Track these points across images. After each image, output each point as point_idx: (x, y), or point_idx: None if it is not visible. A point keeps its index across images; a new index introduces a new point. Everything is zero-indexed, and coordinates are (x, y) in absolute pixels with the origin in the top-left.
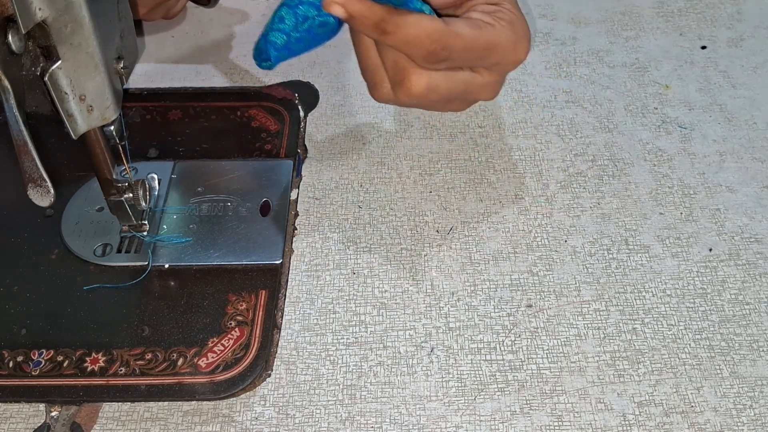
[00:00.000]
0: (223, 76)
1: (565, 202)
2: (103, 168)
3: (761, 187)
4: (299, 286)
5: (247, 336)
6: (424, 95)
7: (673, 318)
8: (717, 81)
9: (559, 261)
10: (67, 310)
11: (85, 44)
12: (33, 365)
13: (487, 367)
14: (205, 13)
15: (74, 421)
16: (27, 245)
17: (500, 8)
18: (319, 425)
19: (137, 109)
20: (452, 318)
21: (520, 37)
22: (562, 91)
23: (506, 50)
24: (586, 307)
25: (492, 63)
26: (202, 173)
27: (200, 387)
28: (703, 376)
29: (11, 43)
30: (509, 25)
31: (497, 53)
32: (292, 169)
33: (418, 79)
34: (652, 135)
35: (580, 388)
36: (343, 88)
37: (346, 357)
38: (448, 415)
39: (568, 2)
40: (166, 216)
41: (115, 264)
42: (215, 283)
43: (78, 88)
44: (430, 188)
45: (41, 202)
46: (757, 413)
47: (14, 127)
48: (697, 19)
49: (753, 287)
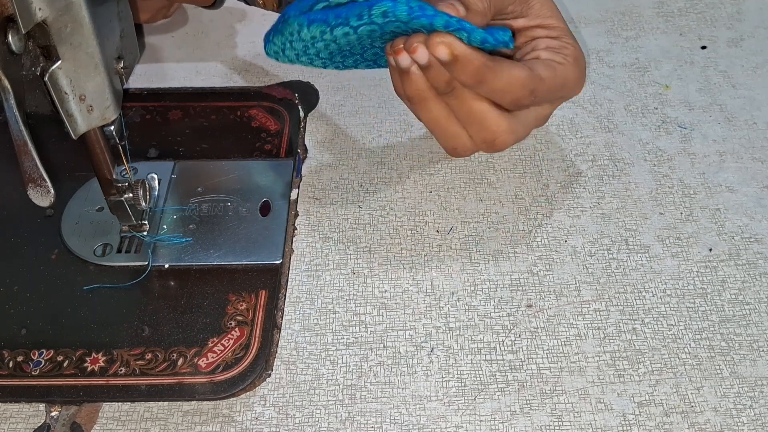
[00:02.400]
0: (223, 76)
1: (565, 202)
2: (103, 168)
3: (761, 187)
4: (299, 286)
5: (247, 336)
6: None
7: (673, 318)
8: (717, 81)
9: (559, 261)
10: (67, 310)
11: (85, 44)
12: (33, 365)
13: (487, 367)
14: (205, 13)
15: (74, 421)
16: (27, 245)
17: (564, 44)
18: (319, 425)
19: (137, 109)
20: (452, 318)
21: (583, 72)
22: None
23: (573, 87)
24: (586, 307)
25: (558, 98)
26: (202, 173)
27: (200, 387)
28: (703, 376)
29: (11, 43)
30: (575, 63)
31: (566, 89)
32: (292, 169)
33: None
34: (652, 135)
35: (580, 388)
36: (343, 88)
37: (346, 357)
38: (448, 415)
39: (568, 2)
40: (166, 216)
41: (115, 264)
42: (215, 283)
43: (78, 88)
44: (430, 188)
45: (41, 202)
46: (757, 413)
47: (14, 127)
48: (697, 19)
49: (753, 287)
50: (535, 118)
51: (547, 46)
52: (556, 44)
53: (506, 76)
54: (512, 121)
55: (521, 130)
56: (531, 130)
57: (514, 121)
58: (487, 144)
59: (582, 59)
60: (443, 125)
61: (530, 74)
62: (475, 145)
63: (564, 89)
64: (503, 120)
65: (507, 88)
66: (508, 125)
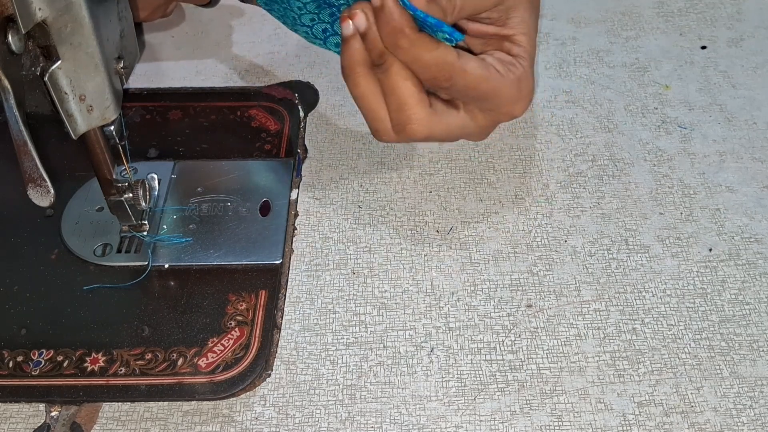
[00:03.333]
0: (223, 76)
1: (565, 202)
2: (103, 168)
3: (761, 187)
4: (299, 286)
5: (247, 336)
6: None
7: (673, 318)
8: (717, 81)
9: (559, 261)
10: (67, 310)
11: (85, 44)
12: (33, 365)
13: (487, 367)
14: (205, 13)
15: (74, 421)
16: (27, 245)
17: (515, 62)
18: (319, 425)
19: (137, 109)
20: (452, 318)
21: (523, 96)
22: (562, 91)
23: (504, 103)
24: (586, 307)
25: (487, 108)
26: (202, 173)
27: (200, 387)
28: (703, 376)
29: (11, 43)
30: (516, 82)
31: (495, 102)
32: (292, 169)
33: (418, 127)
34: (652, 135)
35: (580, 388)
36: (343, 88)
37: (346, 357)
38: (448, 415)
39: (568, 2)
40: (166, 216)
41: (115, 264)
42: (215, 283)
43: (78, 88)
44: (430, 188)
45: (41, 202)
46: (757, 413)
47: (14, 127)
48: (697, 19)
49: (753, 287)
50: (461, 126)
51: (498, 57)
52: (508, 59)
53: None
54: (431, 115)
55: (438, 128)
56: (457, 136)
57: (434, 116)
58: (400, 127)
59: (525, 84)
60: (370, 103)
61: (451, 61)
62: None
63: (493, 100)
64: (422, 109)
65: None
66: (425, 116)
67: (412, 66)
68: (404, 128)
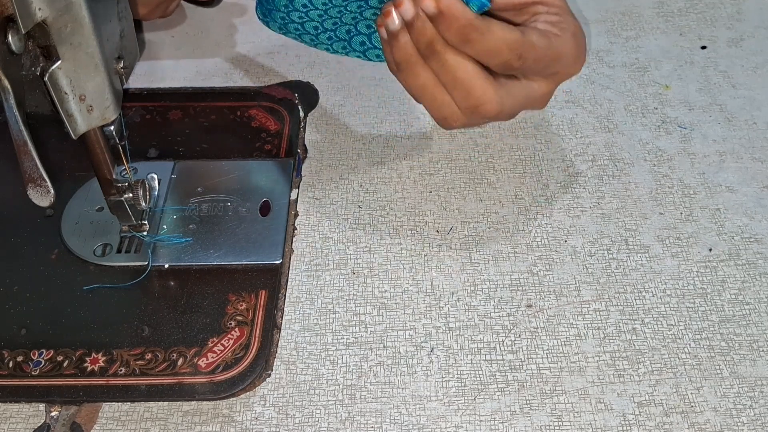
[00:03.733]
0: (223, 76)
1: (565, 202)
2: (103, 168)
3: (761, 187)
4: (299, 286)
5: (247, 336)
6: (494, 118)
7: (673, 318)
8: (717, 81)
9: (559, 261)
10: (67, 310)
11: (85, 44)
12: (33, 365)
13: (487, 367)
14: (205, 13)
15: (74, 421)
16: (27, 245)
17: (563, 19)
18: (319, 425)
19: (137, 109)
20: (452, 318)
21: (582, 50)
22: (562, 90)
23: (568, 61)
24: (586, 307)
25: (552, 72)
26: (202, 173)
27: (200, 387)
28: (703, 376)
29: (11, 43)
30: (573, 38)
31: (560, 64)
32: (292, 169)
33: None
34: (652, 135)
35: (580, 388)
36: (343, 88)
37: (346, 357)
38: (448, 415)
39: (568, 2)
40: (166, 216)
41: (115, 264)
42: (215, 283)
43: (78, 88)
44: (430, 188)
45: (41, 202)
46: (757, 413)
47: (14, 127)
48: (697, 19)
49: (753, 287)
50: (526, 95)
51: (547, 20)
52: (555, 19)
53: (494, 36)
54: (500, 90)
55: (509, 102)
56: (522, 106)
57: (502, 91)
58: (472, 111)
59: (581, 36)
60: (431, 92)
61: (520, 37)
62: (464, 115)
63: (558, 63)
64: (489, 86)
65: (494, 49)
66: (495, 92)
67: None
68: (476, 110)
